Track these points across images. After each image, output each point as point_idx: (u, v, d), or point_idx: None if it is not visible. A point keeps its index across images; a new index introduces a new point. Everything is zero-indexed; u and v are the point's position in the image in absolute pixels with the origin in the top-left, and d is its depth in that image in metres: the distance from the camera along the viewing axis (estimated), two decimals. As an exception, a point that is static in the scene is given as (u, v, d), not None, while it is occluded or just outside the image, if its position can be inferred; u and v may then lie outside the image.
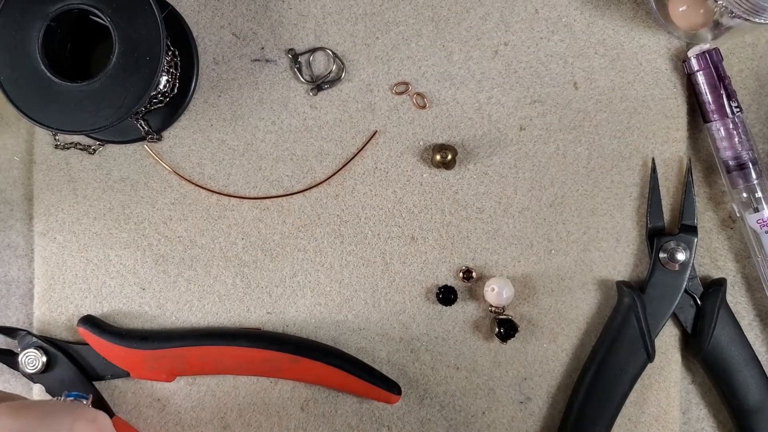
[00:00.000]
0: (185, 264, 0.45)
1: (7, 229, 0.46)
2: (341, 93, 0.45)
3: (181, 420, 0.45)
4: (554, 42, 0.45)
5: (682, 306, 0.44)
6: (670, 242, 0.43)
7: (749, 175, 0.43)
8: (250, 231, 0.45)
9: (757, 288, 0.45)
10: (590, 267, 0.45)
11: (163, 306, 0.45)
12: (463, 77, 0.45)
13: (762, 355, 0.44)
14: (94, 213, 0.45)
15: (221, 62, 0.45)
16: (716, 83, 0.43)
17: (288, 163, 0.45)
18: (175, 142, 0.45)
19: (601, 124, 0.45)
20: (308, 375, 0.43)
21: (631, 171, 0.45)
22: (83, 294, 0.45)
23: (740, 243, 0.45)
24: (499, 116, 0.45)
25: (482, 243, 0.45)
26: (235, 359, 0.43)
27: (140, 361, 0.43)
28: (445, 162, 0.43)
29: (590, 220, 0.45)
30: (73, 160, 0.45)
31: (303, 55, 0.45)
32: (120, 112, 0.38)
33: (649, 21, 0.45)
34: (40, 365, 0.43)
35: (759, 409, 0.42)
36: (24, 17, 0.37)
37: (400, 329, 0.45)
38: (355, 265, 0.45)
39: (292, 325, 0.45)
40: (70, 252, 0.45)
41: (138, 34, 0.37)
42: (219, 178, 0.45)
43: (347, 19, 0.45)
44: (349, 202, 0.45)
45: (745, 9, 0.38)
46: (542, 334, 0.45)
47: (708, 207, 0.45)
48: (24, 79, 0.38)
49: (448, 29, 0.45)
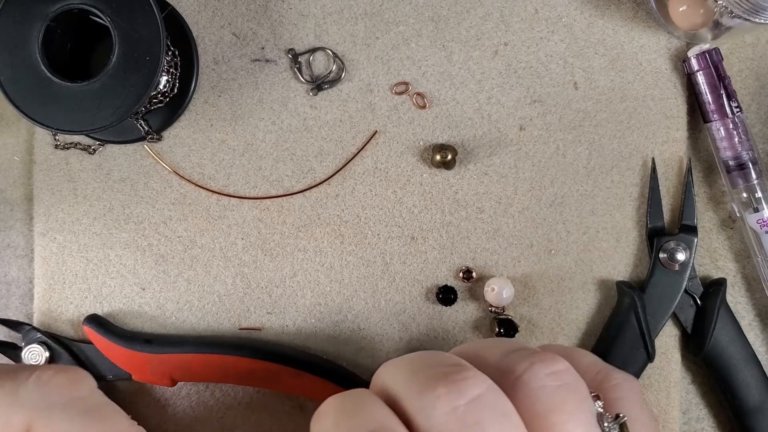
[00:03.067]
0: (185, 264, 0.45)
1: (7, 229, 0.46)
2: (341, 93, 0.45)
3: (180, 420, 0.45)
4: (554, 42, 0.45)
5: (682, 306, 0.44)
6: (670, 242, 0.43)
7: (749, 175, 0.43)
8: (250, 231, 0.45)
9: (757, 288, 0.45)
10: (590, 267, 0.45)
11: (163, 306, 0.45)
12: (463, 77, 0.45)
13: (762, 355, 0.44)
14: (94, 213, 0.45)
15: (221, 62, 0.45)
16: (716, 83, 0.43)
17: (288, 163, 0.45)
18: (175, 142, 0.45)
19: (601, 124, 0.45)
20: (309, 390, 0.43)
21: (631, 171, 0.45)
22: (83, 294, 0.45)
23: (740, 243, 0.45)
24: (499, 116, 0.45)
25: (482, 243, 0.45)
26: (238, 370, 0.43)
27: (143, 365, 0.43)
28: (445, 162, 0.43)
29: (590, 220, 0.45)
30: (73, 160, 0.45)
31: (303, 55, 0.45)
32: (120, 112, 0.38)
33: (649, 21, 0.45)
34: (43, 361, 0.43)
35: (759, 409, 0.42)
36: (24, 17, 0.37)
37: (400, 329, 0.45)
38: (355, 265, 0.45)
39: (291, 325, 0.45)
40: (70, 252, 0.45)
41: (138, 34, 0.37)
42: (219, 178, 0.45)
43: (347, 19, 0.45)
44: (349, 202, 0.45)
45: (745, 9, 0.38)
46: (542, 334, 0.45)
47: (708, 207, 0.45)
48: (24, 79, 0.38)
49: (448, 29, 0.45)
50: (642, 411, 0.30)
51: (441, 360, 0.27)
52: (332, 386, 0.43)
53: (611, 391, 0.30)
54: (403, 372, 0.27)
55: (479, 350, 0.29)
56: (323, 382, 0.43)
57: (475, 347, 0.29)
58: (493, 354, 0.28)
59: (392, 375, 0.28)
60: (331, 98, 0.45)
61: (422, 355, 0.28)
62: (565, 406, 0.25)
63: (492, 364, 0.27)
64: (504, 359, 0.27)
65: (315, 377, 0.43)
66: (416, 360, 0.28)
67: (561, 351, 0.32)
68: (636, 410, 0.29)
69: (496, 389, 0.25)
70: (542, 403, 0.25)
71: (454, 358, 0.27)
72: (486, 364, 0.27)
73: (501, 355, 0.28)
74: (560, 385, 0.26)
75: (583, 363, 0.31)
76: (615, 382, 0.30)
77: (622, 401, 0.29)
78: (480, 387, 0.25)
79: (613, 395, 0.30)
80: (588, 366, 0.31)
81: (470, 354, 0.28)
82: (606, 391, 0.30)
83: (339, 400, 0.28)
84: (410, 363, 0.28)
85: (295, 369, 0.43)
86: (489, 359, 0.28)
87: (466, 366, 0.26)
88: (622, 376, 0.31)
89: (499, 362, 0.27)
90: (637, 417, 0.29)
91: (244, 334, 0.45)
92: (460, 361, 0.27)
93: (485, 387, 0.25)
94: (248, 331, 0.45)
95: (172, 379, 0.43)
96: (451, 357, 0.27)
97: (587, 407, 0.26)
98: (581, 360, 0.32)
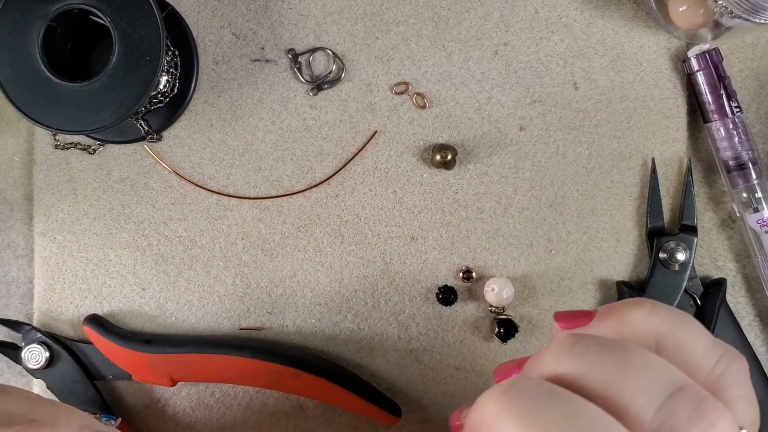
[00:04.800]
0: (185, 264, 0.45)
1: (7, 229, 0.46)
2: (341, 93, 0.45)
3: (180, 421, 0.45)
4: (554, 42, 0.45)
5: (682, 306, 0.44)
6: (670, 242, 0.43)
7: (749, 175, 0.43)
8: (250, 231, 0.45)
9: (757, 288, 0.45)
10: (590, 267, 0.45)
11: (163, 306, 0.45)
12: (463, 77, 0.45)
13: (762, 355, 0.44)
14: (94, 213, 0.45)
15: (221, 62, 0.45)
16: (716, 83, 0.43)
17: (288, 163, 0.45)
18: (175, 142, 0.45)
19: (601, 124, 0.45)
20: (309, 390, 0.43)
21: (631, 171, 0.45)
22: (83, 294, 0.45)
23: (740, 243, 0.45)
24: (499, 116, 0.45)
25: (482, 243, 0.45)
26: (238, 370, 0.43)
27: (143, 365, 0.43)
28: (445, 162, 0.43)
29: (590, 220, 0.45)
30: (73, 160, 0.45)
31: (303, 55, 0.45)
32: (120, 112, 0.38)
33: (649, 21, 0.45)
34: (43, 361, 0.43)
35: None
36: (24, 17, 0.37)
37: (400, 329, 0.45)
38: (355, 265, 0.45)
39: (291, 325, 0.45)
40: (70, 252, 0.45)
41: (138, 34, 0.37)
42: (219, 178, 0.45)
43: (347, 19, 0.45)
44: (349, 202, 0.45)
45: (745, 9, 0.38)
46: (542, 334, 0.45)
47: (708, 207, 0.45)
48: (24, 79, 0.38)
49: (448, 29, 0.45)
50: (756, 408, 0.25)
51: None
52: (332, 386, 0.43)
53: (730, 389, 0.25)
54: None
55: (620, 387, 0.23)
56: (323, 382, 0.43)
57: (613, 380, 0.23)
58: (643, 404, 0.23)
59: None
60: (331, 98, 0.45)
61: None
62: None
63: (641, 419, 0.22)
64: (660, 413, 0.22)
65: (315, 377, 0.43)
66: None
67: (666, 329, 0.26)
68: (751, 412, 0.25)
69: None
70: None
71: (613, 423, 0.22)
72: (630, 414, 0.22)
73: (654, 409, 0.22)
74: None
75: (699, 351, 0.25)
76: (733, 379, 0.25)
77: (742, 401, 0.25)
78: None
79: (733, 393, 0.25)
80: (705, 356, 0.25)
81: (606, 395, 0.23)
82: (725, 390, 0.25)
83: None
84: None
85: (295, 369, 0.43)
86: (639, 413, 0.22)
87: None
88: (738, 366, 0.25)
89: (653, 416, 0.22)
90: (753, 422, 0.25)
91: (244, 334, 0.45)
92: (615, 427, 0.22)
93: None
94: (248, 331, 0.45)
95: (172, 379, 0.43)
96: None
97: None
98: (694, 347, 0.25)
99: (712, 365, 0.25)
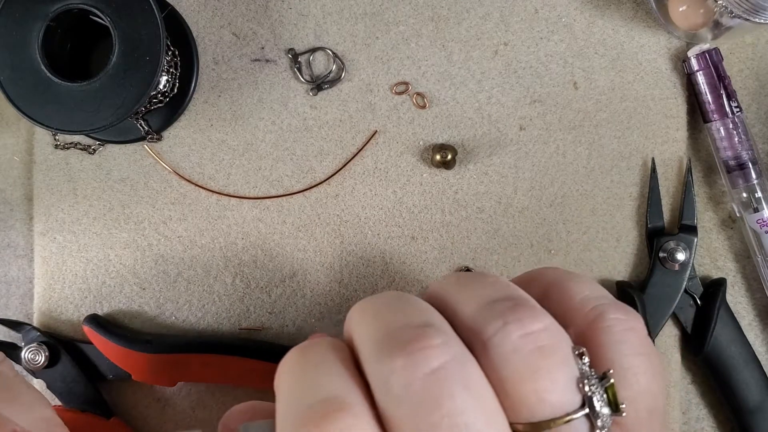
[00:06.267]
0: (185, 264, 0.45)
1: (7, 229, 0.46)
2: (341, 93, 0.45)
3: (180, 420, 0.45)
4: (554, 42, 0.45)
5: (682, 306, 0.44)
6: (670, 242, 0.43)
7: (749, 175, 0.43)
8: (250, 231, 0.45)
9: (757, 288, 0.45)
10: (590, 267, 0.45)
11: (162, 306, 0.45)
12: (463, 77, 0.45)
13: (762, 355, 0.44)
14: (94, 213, 0.45)
15: (221, 62, 0.45)
16: (716, 83, 0.43)
17: (288, 163, 0.45)
18: (175, 142, 0.45)
19: (601, 124, 0.45)
20: None
21: (631, 171, 0.45)
22: (83, 294, 0.45)
23: (740, 243, 0.45)
24: (499, 116, 0.45)
25: (482, 243, 0.45)
26: (238, 370, 0.43)
27: (143, 365, 0.43)
28: (445, 162, 0.43)
29: (590, 220, 0.45)
30: (73, 160, 0.45)
31: (303, 55, 0.45)
32: (120, 112, 0.38)
33: (649, 21, 0.45)
34: (43, 361, 0.43)
35: (759, 409, 0.42)
36: (24, 17, 0.37)
37: (400, 329, 0.45)
38: (355, 265, 0.45)
39: (291, 325, 0.45)
40: (70, 252, 0.45)
41: (138, 34, 0.37)
42: (219, 178, 0.45)
43: (347, 19, 0.45)
44: (349, 202, 0.45)
45: (745, 9, 0.38)
46: (542, 334, 0.45)
47: (708, 207, 0.45)
48: (24, 79, 0.38)
49: (448, 29, 0.45)
50: (640, 357, 0.25)
51: (407, 320, 0.23)
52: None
53: (602, 334, 0.25)
54: (367, 328, 0.25)
55: (456, 297, 0.25)
56: None
57: (453, 292, 0.26)
58: (469, 305, 0.24)
59: (358, 328, 0.25)
60: (331, 98, 0.45)
61: (390, 304, 0.25)
62: (538, 373, 0.22)
63: (465, 320, 0.24)
64: (477, 315, 0.24)
65: None
66: (383, 312, 0.25)
67: (556, 278, 0.27)
68: (632, 358, 0.24)
69: (462, 358, 0.22)
70: (512, 370, 0.22)
71: (423, 316, 0.24)
72: (458, 318, 0.24)
73: (476, 308, 0.24)
74: (534, 348, 0.22)
75: (578, 297, 0.26)
76: (607, 323, 0.25)
77: (617, 346, 0.24)
78: (442, 357, 0.22)
79: (605, 339, 0.25)
80: (582, 301, 0.26)
81: (445, 302, 0.25)
82: (597, 334, 0.25)
83: (298, 356, 0.25)
84: (376, 316, 0.25)
85: None
86: (464, 312, 0.24)
87: (431, 329, 0.23)
88: (616, 315, 0.25)
89: (472, 318, 0.24)
90: (632, 367, 0.24)
91: (244, 334, 0.45)
92: (428, 319, 0.23)
93: (449, 356, 0.22)
94: (248, 331, 0.45)
95: (172, 379, 0.43)
96: (420, 313, 0.24)
97: (566, 371, 0.22)
98: (576, 293, 0.26)
99: (587, 310, 0.25)
